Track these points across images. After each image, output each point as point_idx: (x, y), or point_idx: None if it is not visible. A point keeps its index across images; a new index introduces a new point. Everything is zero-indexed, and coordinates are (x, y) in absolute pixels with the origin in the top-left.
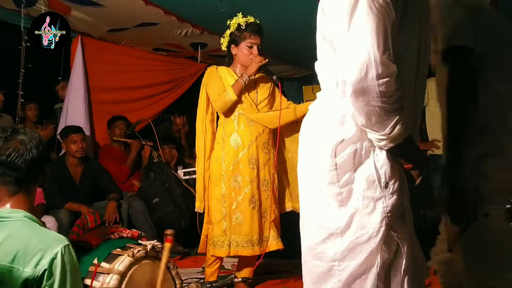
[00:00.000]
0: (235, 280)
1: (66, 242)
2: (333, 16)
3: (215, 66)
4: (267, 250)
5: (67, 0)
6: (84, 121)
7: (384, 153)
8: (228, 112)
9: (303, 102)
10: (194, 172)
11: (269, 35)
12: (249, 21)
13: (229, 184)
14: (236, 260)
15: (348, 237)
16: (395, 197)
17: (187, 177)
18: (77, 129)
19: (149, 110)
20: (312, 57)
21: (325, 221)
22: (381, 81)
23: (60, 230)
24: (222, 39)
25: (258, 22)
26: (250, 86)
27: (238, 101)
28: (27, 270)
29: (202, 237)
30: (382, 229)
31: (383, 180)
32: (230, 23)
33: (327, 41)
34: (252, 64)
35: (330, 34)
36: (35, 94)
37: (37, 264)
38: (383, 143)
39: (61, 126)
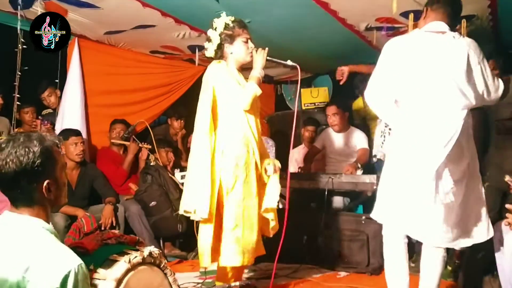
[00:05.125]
0: (232, 285)
1: (80, 261)
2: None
3: (222, 61)
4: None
5: (64, 2)
6: (81, 124)
7: None
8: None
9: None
10: None
11: (267, 37)
12: (233, 18)
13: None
14: None
15: None
16: None
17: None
18: (77, 132)
19: (146, 113)
20: (310, 59)
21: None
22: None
23: None
24: (207, 44)
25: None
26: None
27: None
28: (39, 285)
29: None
30: None
31: None
32: (215, 26)
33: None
34: (258, 58)
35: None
36: (32, 97)
37: (49, 280)
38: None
39: (57, 129)
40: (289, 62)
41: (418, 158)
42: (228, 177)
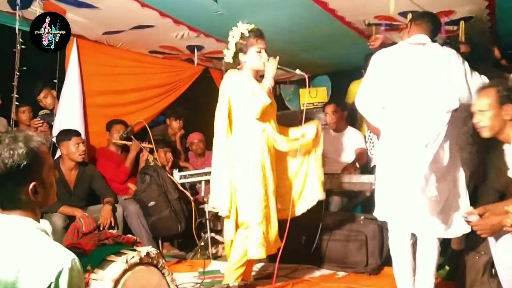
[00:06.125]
0: (231, 285)
1: (73, 256)
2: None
3: (236, 71)
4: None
5: (62, 2)
6: (79, 124)
7: None
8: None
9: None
10: (190, 176)
11: (265, 37)
12: (250, 28)
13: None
14: None
15: None
16: None
17: (183, 180)
18: (77, 133)
19: (145, 113)
20: (308, 59)
21: None
22: None
23: (54, 234)
24: (226, 51)
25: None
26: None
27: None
28: (33, 283)
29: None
30: None
31: None
32: (232, 35)
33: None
34: (270, 67)
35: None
36: (30, 97)
37: (43, 277)
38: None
39: (55, 129)
40: (297, 71)
41: (406, 159)
42: (247, 177)
